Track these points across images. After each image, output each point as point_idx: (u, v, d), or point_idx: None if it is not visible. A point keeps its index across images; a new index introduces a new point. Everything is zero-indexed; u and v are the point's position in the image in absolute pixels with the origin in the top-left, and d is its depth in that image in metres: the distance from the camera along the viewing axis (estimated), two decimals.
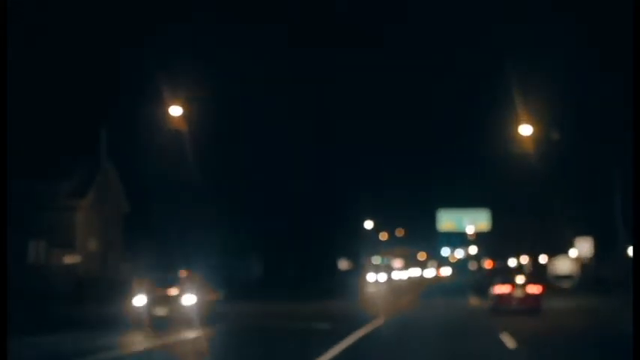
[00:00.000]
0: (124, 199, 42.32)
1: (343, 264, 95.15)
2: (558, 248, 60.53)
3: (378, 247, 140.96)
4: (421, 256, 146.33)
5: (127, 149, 36.07)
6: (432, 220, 64.91)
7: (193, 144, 35.62)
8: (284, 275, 67.71)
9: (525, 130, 27.72)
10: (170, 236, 45.72)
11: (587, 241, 47.19)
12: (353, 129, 63.73)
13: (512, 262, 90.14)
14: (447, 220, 63.90)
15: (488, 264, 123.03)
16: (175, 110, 30.73)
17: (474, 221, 63.63)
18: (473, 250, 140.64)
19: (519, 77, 30.75)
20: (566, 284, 57.46)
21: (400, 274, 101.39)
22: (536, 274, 61.74)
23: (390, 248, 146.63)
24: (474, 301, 39.92)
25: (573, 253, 54.67)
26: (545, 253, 63.31)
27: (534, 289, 28.70)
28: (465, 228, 64.58)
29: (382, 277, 75.38)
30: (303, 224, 73.95)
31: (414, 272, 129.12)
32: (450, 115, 57.65)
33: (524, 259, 77.29)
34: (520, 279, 29.91)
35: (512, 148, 30.46)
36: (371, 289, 55.21)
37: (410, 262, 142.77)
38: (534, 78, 31.45)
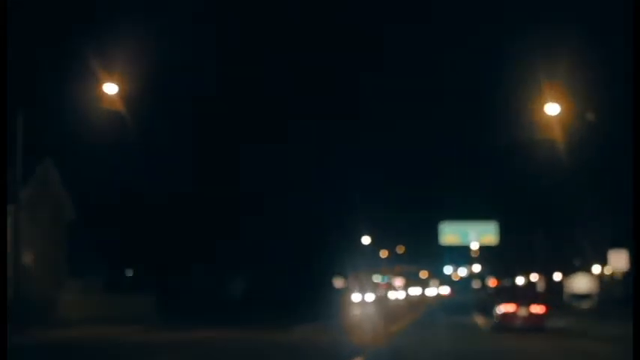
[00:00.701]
0: (68, 203, 35.75)
1: (339, 282, 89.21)
2: (575, 265, 54.10)
3: (378, 265, 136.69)
4: (423, 274, 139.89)
5: (66, 143, 29.70)
6: (434, 234, 58.26)
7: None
8: (270, 294, 61.41)
9: (552, 109, 21.31)
10: (127, 250, 39.31)
11: (622, 254, 40.56)
12: (349, 133, 57.09)
13: (520, 280, 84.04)
14: (451, 234, 57.27)
15: (492, 282, 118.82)
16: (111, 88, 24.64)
17: (481, 235, 57.00)
18: (476, 268, 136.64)
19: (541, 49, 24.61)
20: (584, 304, 51.11)
21: (397, 293, 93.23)
22: (551, 293, 55.28)
23: (391, 266, 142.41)
24: (480, 320, 38.36)
25: (597, 269, 48.16)
26: (560, 270, 56.89)
27: (538, 308, 29.49)
28: (469, 242, 57.90)
29: (370, 296, 67.98)
30: (295, 239, 68.20)
31: (414, 291, 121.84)
32: (453, 115, 51.61)
33: (534, 277, 70.86)
34: (525, 298, 31.14)
35: (533, 135, 23.98)
36: (357, 311, 48.42)
37: (411, 280, 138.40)
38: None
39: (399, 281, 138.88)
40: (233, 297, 56.57)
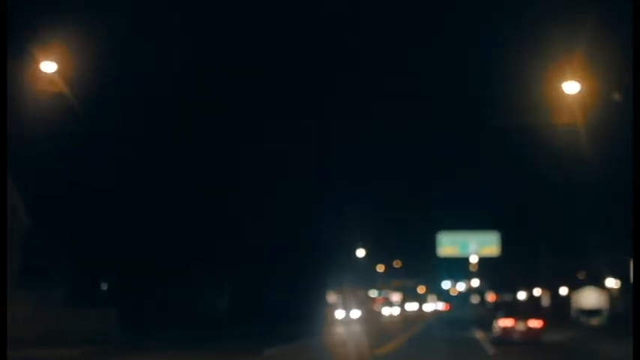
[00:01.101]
0: (20, 205, 31.84)
1: (332, 297, 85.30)
2: (582, 278, 50.31)
3: (374, 279, 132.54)
4: (420, 289, 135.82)
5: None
6: (431, 246, 54.57)
7: None
8: (256, 309, 57.35)
9: (572, 87, 17.58)
10: (92, 258, 35.36)
11: None
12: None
13: (522, 295, 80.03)
14: (449, 245, 53.56)
15: (491, 297, 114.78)
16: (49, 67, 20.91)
17: (481, 246, 53.28)
18: (475, 282, 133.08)
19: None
20: (594, 321, 47.24)
21: (391, 309, 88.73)
22: (556, 308, 51.43)
23: (388, 281, 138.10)
24: (479, 334, 38.22)
25: (610, 282, 44.33)
26: (566, 284, 53.05)
27: (536, 323, 30.80)
28: (469, 253, 54.21)
29: (355, 313, 63.46)
30: (285, 251, 64.11)
31: (411, 306, 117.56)
32: (453, 115, 47.64)
33: (538, 291, 66.99)
34: (523, 313, 32.94)
35: (549, 119, 20.16)
36: (343, 329, 43.98)
37: (409, 295, 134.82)
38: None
39: (396, 296, 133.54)
40: (214, 311, 52.63)
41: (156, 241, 40.82)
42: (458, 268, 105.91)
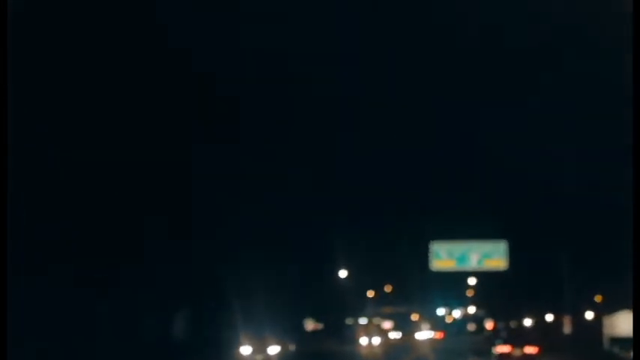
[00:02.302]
0: None
1: (309, 324, 74.70)
2: (617, 299, 39.72)
3: (363, 305, 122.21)
4: (414, 316, 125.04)
5: None
6: (424, 259, 43.91)
7: None
8: (212, 339, 47.03)
9: None
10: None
11: None
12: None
13: (528, 322, 70.04)
14: (444, 257, 42.99)
15: (489, 325, 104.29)
16: None
17: (483, 257, 42.72)
18: (472, 309, 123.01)
19: None
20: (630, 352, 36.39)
21: (367, 340, 73.10)
22: (583, 336, 40.70)
23: (378, 307, 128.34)
24: None
25: None
26: (592, 307, 42.43)
27: (531, 349, 33.10)
28: (469, 265, 43.40)
29: (274, 349, 49.71)
30: (252, 268, 53.45)
31: (395, 335, 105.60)
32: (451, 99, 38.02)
33: (550, 317, 56.55)
34: (519, 340, 35.41)
35: None
36: None
37: (400, 322, 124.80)
38: None
39: (387, 324, 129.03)
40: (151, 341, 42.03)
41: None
42: (454, 287, 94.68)
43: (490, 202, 44.86)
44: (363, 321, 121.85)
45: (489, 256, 42.69)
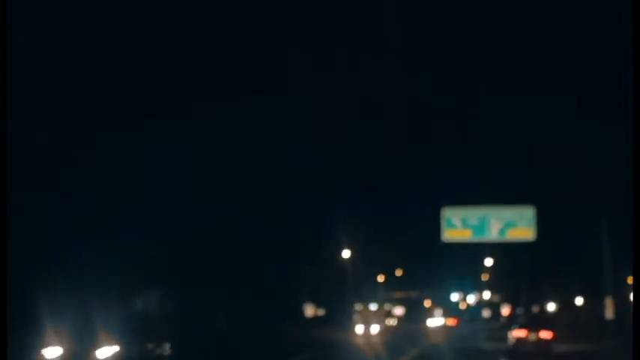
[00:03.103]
0: None
1: (310, 310, 67.71)
2: None
3: (374, 291, 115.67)
4: (426, 302, 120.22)
5: None
6: (435, 231, 36.29)
7: None
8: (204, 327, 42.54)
9: None
10: None
11: None
12: None
13: (552, 307, 62.83)
14: (459, 226, 35.47)
15: (506, 312, 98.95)
16: None
17: (506, 227, 35.19)
18: (487, 294, 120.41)
19: None
20: None
21: (361, 327, 62.49)
22: (627, 323, 32.97)
23: (388, 292, 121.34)
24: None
25: None
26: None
27: (546, 334, 33.18)
28: (489, 237, 35.70)
29: None
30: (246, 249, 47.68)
31: (390, 321, 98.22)
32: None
33: (580, 300, 49.26)
34: (534, 325, 35.33)
35: None
36: None
37: (411, 308, 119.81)
38: None
39: (399, 310, 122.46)
40: None
41: None
42: (469, 263, 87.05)
43: (513, 161, 37.55)
44: (372, 307, 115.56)
45: (514, 224, 35.20)
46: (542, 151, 37.41)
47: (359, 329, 54.44)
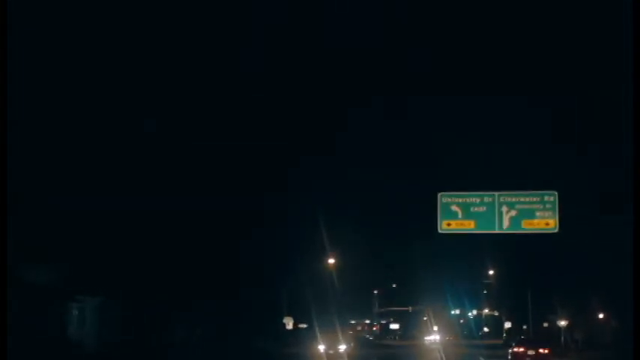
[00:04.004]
0: None
1: (289, 322, 60.80)
2: None
3: (370, 304, 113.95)
4: (427, 320, 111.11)
5: None
6: (430, 223, 28.54)
7: None
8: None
9: None
10: None
11: None
12: None
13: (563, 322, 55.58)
14: (460, 215, 27.65)
15: (508, 326, 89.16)
16: None
17: (521, 216, 27.39)
18: (488, 307, 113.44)
19: None
20: None
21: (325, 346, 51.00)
22: None
23: (385, 307, 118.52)
24: None
25: None
26: None
27: (544, 350, 35.55)
28: (499, 226, 27.68)
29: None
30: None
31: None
32: None
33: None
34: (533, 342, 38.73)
35: None
36: None
37: (409, 322, 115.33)
38: None
39: (395, 325, 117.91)
40: None
41: None
42: (469, 260, 79.57)
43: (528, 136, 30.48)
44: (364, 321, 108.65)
45: (530, 214, 27.52)
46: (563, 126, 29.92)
47: (321, 347, 44.23)
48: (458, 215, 27.58)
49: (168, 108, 37.20)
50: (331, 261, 64.53)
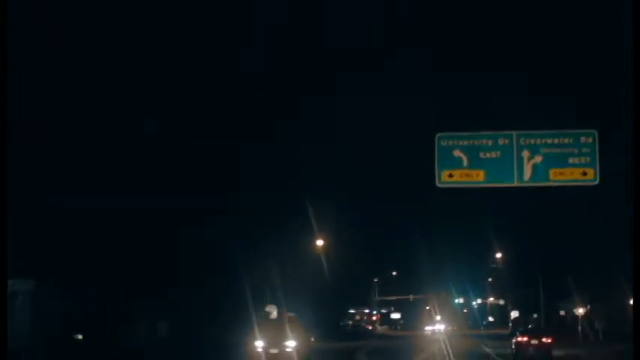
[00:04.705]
0: None
1: (273, 311, 54.02)
2: None
3: (370, 294, 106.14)
4: (430, 309, 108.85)
5: None
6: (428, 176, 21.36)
7: None
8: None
9: None
10: None
11: None
12: None
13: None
14: (464, 163, 20.32)
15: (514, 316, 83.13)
16: None
17: (545, 165, 20.07)
18: (494, 296, 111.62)
19: None
20: None
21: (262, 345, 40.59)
22: None
23: (384, 296, 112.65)
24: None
25: None
26: None
27: (547, 339, 36.81)
28: (517, 175, 20.40)
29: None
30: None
31: None
32: None
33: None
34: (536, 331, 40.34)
35: None
36: None
37: (409, 310, 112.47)
38: None
39: (396, 315, 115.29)
40: None
41: None
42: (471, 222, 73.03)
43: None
44: (364, 310, 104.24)
45: (560, 160, 20.31)
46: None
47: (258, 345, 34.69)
48: (462, 163, 20.40)
49: (168, 108, 37.26)
50: (320, 242, 58.46)
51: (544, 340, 36.50)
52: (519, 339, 37.33)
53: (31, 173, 32.86)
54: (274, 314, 56.40)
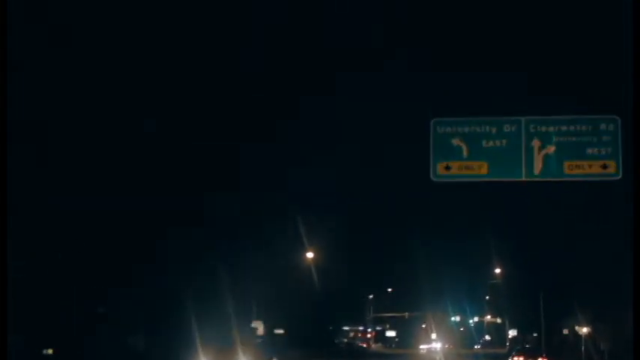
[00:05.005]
0: None
1: (259, 327, 52.30)
2: None
3: (364, 311, 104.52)
4: (426, 327, 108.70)
5: None
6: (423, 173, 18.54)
7: None
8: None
9: None
10: None
11: None
12: None
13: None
14: (464, 153, 17.35)
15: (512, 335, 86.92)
16: None
17: (561, 156, 17.10)
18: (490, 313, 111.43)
19: None
20: None
21: None
22: None
23: (379, 311, 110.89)
24: None
25: None
26: None
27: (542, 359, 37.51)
28: (526, 168, 17.48)
29: None
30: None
31: None
32: None
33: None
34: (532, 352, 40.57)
35: None
36: None
37: (404, 328, 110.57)
38: None
39: (391, 332, 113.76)
40: None
41: None
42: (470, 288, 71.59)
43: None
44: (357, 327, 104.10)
45: (577, 151, 17.40)
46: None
47: None
48: (461, 153, 17.45)
49: (168, 108, 38.07)
50: (310, 255, 56.32)
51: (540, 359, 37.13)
52: (515, 359, 38.26)
53: (31, 173, 33.57)
54: (260, 330, 53.99)
